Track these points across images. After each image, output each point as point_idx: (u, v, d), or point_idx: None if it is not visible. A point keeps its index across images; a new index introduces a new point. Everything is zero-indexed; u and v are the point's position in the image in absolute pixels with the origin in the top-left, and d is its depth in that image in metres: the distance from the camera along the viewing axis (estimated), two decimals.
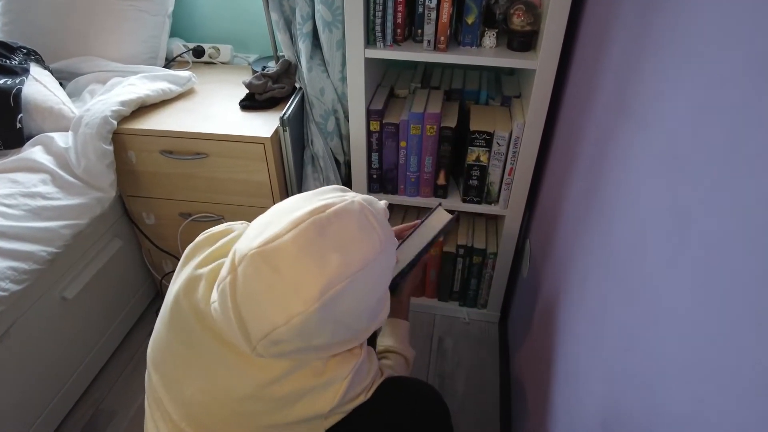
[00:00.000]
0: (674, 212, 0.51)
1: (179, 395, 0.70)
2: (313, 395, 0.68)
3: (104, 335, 1.37)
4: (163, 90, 1.31)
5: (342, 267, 0.58)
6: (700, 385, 0.43)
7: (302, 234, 0.58)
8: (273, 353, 0.62)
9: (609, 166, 0.74)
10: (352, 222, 0.61)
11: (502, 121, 1.20)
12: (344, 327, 0.64)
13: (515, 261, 1.40)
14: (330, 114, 1.31)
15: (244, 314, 0.60)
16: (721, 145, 0.44)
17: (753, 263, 0.37)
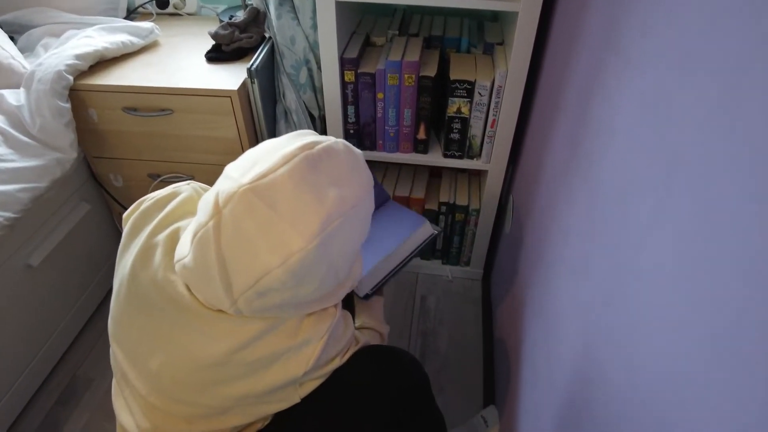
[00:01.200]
0: (660, 161, 0.47)
1: (145, 369, 0.65)
2: (287, 357, 0.64)
3: (78, 301, 1.33)
4: (123, 43, 1.23)
5: (339, 201, 0.56)
6: (677, 341, 0.40)
7: (296, 168, 0.55)
8: (255, 308, 0.58)
9: (593, 111, 0.69)
10: (341, 159, 0.59)
11: (483, 70, 1.14)
12: (333, 272, 0.61)
13: (498, 217, 1.37)
14: (302, 64, 1.23)
15: (230, 261, 0.55)
16: (712, 88, 0.39)
17: (739, 216, 0.33)
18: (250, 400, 0.66)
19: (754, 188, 0.32)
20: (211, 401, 0.65)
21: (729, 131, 0.36)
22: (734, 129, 0.35)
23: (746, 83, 0.34)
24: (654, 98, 0.49)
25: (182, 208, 0.67)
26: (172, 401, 0.65)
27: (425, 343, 1.35)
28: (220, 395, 0.64)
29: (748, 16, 0.35)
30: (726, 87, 0.37)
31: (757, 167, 0.32)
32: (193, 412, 0.66)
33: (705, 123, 0.39)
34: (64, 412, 1.20)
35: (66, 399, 1.23)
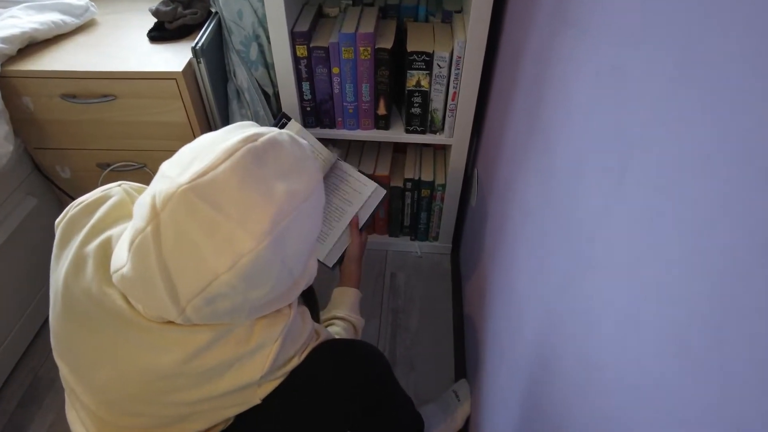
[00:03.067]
0: (615, 138, 0.45)
1: (91, 384, 0.62)
2: (241, 364, 0.61)
3: (34, 299, 1.28)
4: (55, 23, 1.14)
5: (289, 196, 0.53)
6: (627, 325, 0.39)
7: (240, 163, 0.51)
8: (204, 315, 0.55)
9: (549, 84, 0.66)
10: (287, 150, 0.56)
11: (442, 40, 1.10)
12: (287, 271, 0.57)
13: (464, 191, 1.35)
14: (251, 40, 1.16)
15: (174, 268, 0.51)
16: (667, 63, 0.36)
17: (694, 196, 0.31)
18: (206, 406, 0.63)
19: (710, 167, 0.30)
20: (163, 411, 0.62)
21: (685, 107, 0.33)
22: (691, 105, 0.33)
23: (703, 56, 0.32)
24: (609, 72, 0.47)
25: (113, 213, 0.62)
26: (122, 414, 0.62)
27: (396, 320, 1.35)
28: (173, 404, 0.61)
29: None
30: (682, 61, 0.34)
31: (714, 144, 0.30)
32: (146, 422, 0.63)
33: (661, 99, 0.37)
34: (28, 414, 1.16)
35: (29, 401, 1.19)
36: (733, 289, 0.27)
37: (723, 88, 0.29)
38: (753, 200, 0.26)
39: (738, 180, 0.27)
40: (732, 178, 0.27)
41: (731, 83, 0.28)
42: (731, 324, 0.27)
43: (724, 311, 0.27)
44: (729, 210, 0.27)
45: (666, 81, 0.35)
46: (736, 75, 0.28)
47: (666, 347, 0.33)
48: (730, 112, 0.28)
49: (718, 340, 0.28)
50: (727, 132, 0.28)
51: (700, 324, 0.30)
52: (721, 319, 0.28)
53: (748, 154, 0.26)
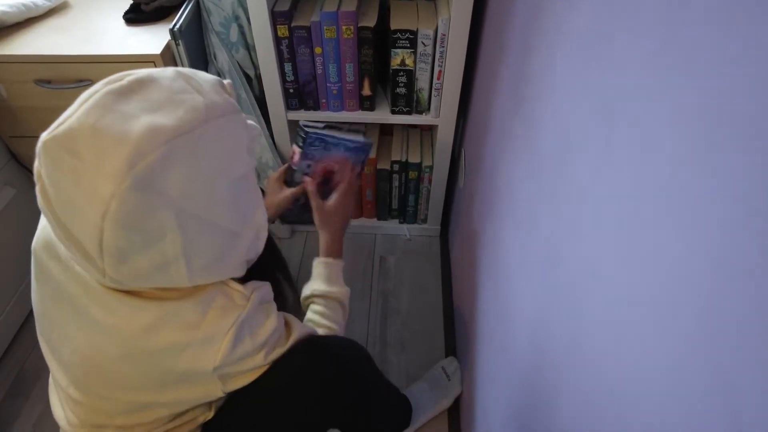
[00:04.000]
0: (600, 110, 0.44)
1: (61, 359, 0.61)
2: (193, 351, 0.58)
3: (17, 290, 1.25)
4: (25, 5, 1.10)
5: (151, 131, 0.46)
6: (617, 299, 0.38)
7: (96, 105, 0.47)
8: (128, 274, 0.51)
9: (534, 56, 0.65)
10: (162, 84, 0.50)
11: (426, 17, 1.08)
12: (198, 222, 0.51)
13: (452, 172, 1.34)
14: (231, 21, 1.13)
15: (67, 223, 0.49)
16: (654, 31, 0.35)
17: (682, 164, 0.31)
18: (168, 394, 0.61)
19: (695, 135, 0.29)
20: (124, 396, 0.61)
21: (670, 76, 0.33)
22: (676, 73, 0.32)
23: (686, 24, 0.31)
24: (594, 43, 0.46)
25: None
26: (90, 395, 0.61)
27: (386, 302, 1.35)
28: (132, 387, 0.60)
29: None
30: (666, 28, 0.33)
31: (698, 110, 0.29)
32: (112, 408, 0.62)
33: (645, 68, 0.36)
34: (15, 407, 1.15)
35: (15, 393, 1.17)
36: (722, 256, 0.26)
37: (707, 55, 0.28)
38: (737, 164, 0.25)
39: (722, 144, 0.26)
40: (716, 143, 0.27)
41: (715, 49, 0.27)
42: (721, 289, 0.26)
43: (714, 277, 0.27)
44: (715, 175, 0.27)
45: (650, 49, 0.35)
46: (720, 40, 0.27)
47: (653, 316, 0.33)
48: (715, 77, 0.27)
49: (707, 306, 0.27)
50: (712, 98, 0.27)
51: (689, 293, 0.29)
52: (711, 286, 0.27)
53: (731, 118, 0.25)
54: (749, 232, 0.24)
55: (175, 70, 0.53)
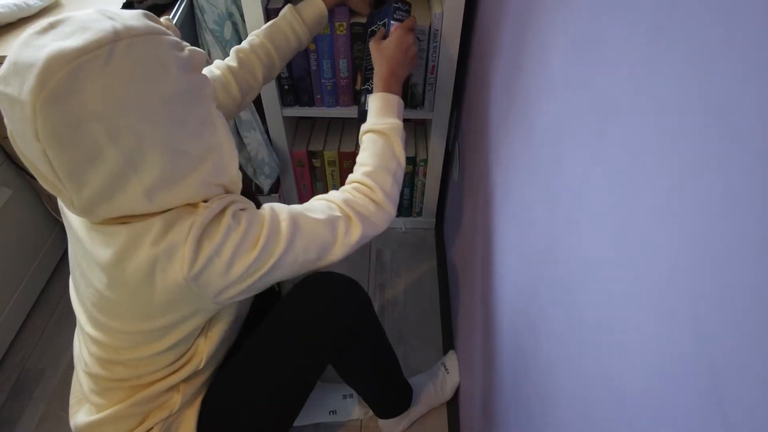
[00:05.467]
0: (593, 109, 0.45)
1: (80, 296, 0.72)
2: (160, 265, 0.60)
3: (16, 291, 1.26)
4: (17, 5, 1.09)
5: (57, 53, 0.50)
6: (614, 286, 0.40)
7: (20, 43, 0.53)
8: (89, 199, 0.56)
9: (528, 53, 0.67)
10: (74, 21, 0.54)
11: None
12: (134, 134, 0.54)
13: (446, 165, 1.35)
14: (225, 18, 1.14)
15: (27, 155, 0.56)
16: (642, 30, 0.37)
17: (670, 164, 0.33)
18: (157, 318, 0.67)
19: (684, 128, 0.31)
20: (123, 326, 0.68)
21: (659, 72, 0.34)
22: (666, 74, 0.34)
23: (676, 23, 0.32)
24: (586, 40, 0.47)
25: None
26: (100, 329, 0.69)
27: (383, 295, 1.37)
28: (126, 316, 0.67)
29: None
30: (656, 27, 0.35)
31: (687, 105, 0.31)
32: (117, 341, 0.70)
33: (636, 64, 0.37)
34: (17, 407, 1.16)
35: (17, 393, 1.18)
36: (711, 243, 0.28)
37: (695, 52, 0.29)
38: (726, 156, 0.27)
39: (711, 139, 0.28)
40: (706, 137, 0.28)
41: (703, 47, 0.29)
42: (710, 275, 0.28)
43: (702, 263, 0.29)
44: (703, 167, 0.29)
45: (641, 47, 0.36)
46: (707, 39, 0.28)
47: (646, 302, 0.35)
48: (703, 74, 0.29)
49: (698, 293, 0.29)
50: (700, 93, 0.29)
51: (680, 277, 0.31)
52: (701, 272, 0.29)
53: (720, 113, 0.27)
54: (738, 228, 0.26)
55: (97, 8, 0.57)
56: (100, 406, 0.76)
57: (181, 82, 0.57)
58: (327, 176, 1.40)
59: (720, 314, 0.27)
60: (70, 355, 1.24)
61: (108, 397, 0.75)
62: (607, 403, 0.41)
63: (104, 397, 0.75)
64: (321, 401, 1.13)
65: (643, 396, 0.35)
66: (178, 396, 0.78)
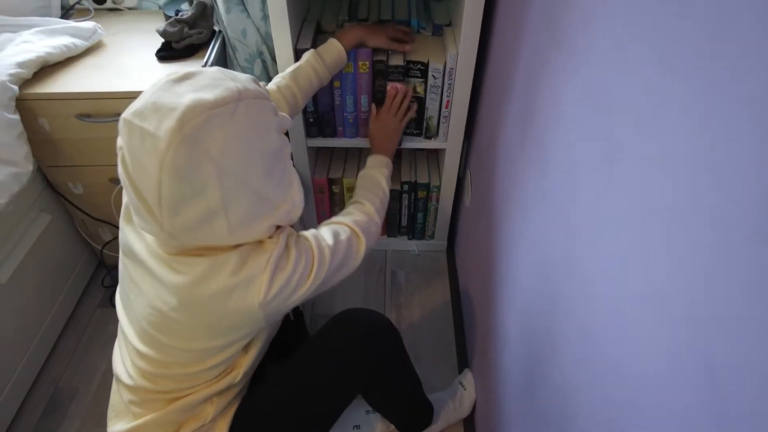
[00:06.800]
0: (603, 149, 0.54)
1: (133, 315, 0.77)
2: (239, 291, 0.70)
3: (49, 313, 1.32)
4: (66, 46, 1.19)
5: (196, 102, 0.61)
6: (627, 303, 0.48)
7: (159, 87, 0.63)
8: (180, 226, 0.64)
9: (541, 97, 0.75)
10: (206, 74, 0.66)
11: (435, 53, 1.18)
12: (235, 180, 0.64)
13: (457, 191, 1.44)
14: (255, 57, 1.23)
15: (137, 180, 0.63)
16: (646, 77, 0.46)
17: (672, 188, 0.40)
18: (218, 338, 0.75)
19: (684, 164, 0.39)
20: (181, 344, 0.74)
21: (662, 116, 0.42)
22: (667, 113, 0.42)
23: (676, 71, 0.41)
24: (596, 86, 0.55)
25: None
26: (152, 345, 0.76)
27: (399, 315, 1.43)
28: (188, 336, 0.74)
29: (677, 13, 0.41)
30: (659, 74, 0.43)
31: (686, 144, 0.39)
32: (169, 357, 0.76)
33: (642, 108, 0.45)
34: (53, 424, 1.21)
35: (52, 410, 1.23)
36: (712, 263, 0.36)
37: (694, 99, 0.38)
38: (718, 192, 0.35)
39: (706, 176, 0.36)
40: (698, 174, 0.36)
41: (701, 94, 0.37)
42: (710, 294, 0.36)
43: (702, 282, 0.36)
44: (696, 196, 0.36)
45: (645, 94, 0.44)
46: (704, 88, 0.37)
47: (654, 317, 0.42)
48: (699, 117, 0.37)
49: (694, 300, 0.37)
50: (698, 134, 0.37)
51: (683, 298, 0.39)
52: (700, 289, 0.37)
53: (714, 154, 0.35)
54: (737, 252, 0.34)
55: (218, 67, 0.69)
56: (138, 415, 0.82)
57: (275, 141, 0.69)
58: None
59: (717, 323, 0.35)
60: (103, 373, 1.30)
61: (147, 407, 0.81)
62: (625, 419, 0.48)
63: (143, 407, 0.81)
64: (344, 416, 1.19)
65: (661, 412, 0.42)
66: (211, 407, 0.84)
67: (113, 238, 1.41)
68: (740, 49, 0.33)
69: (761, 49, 0.31)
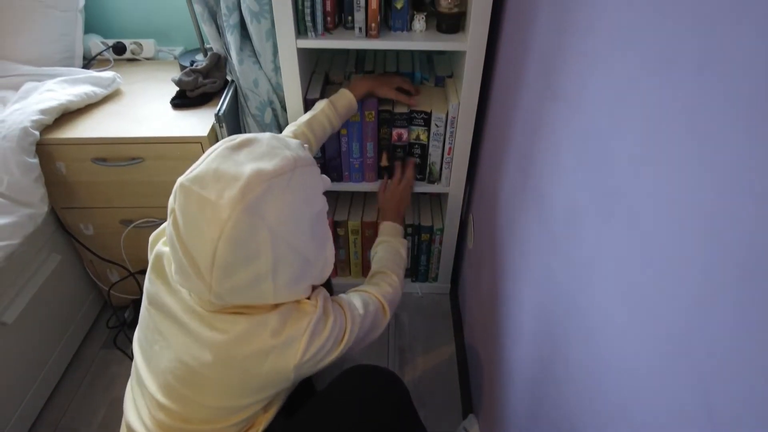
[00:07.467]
0: (600, 194, 0.57)
1: (156, 367, 0.76)
2: (276, 353, 0.71)
3: (53, 353, 1.32)
4: (87, 94, 1.25)
5: (257, 172, 0.63)
6: (630, 346, 0.49)
7: (219, 154, 0.66)
8: (229, 290, 0.65)
9: (540, 146, 0.79)
10: (263, 143, 0.69)
11: (438, 102, 1.24)
12: (286, 245, 0.66)
13: (460, 234, 1.47)
14: (266, 105, 1.29)
15: (189, 244, 0.64)
16: (639, 128, 0.49)
17: (666, 232, 0.43)
18: (247, 396, 0.74)
19: (675, 209, 0.42)
20: (209, 400, 0.73)
21: (656, 164, 0.46)
22: (660, 163, 0.45)
23: (670, 131, 0.44)
24: (592, 137, 0.59)
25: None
26: (176, 400, 0.75)
27: (403, 358, 1.43)
28: (218, 392, 0.73)
29: (664, 69, 0.45)
30: (652, 131, 0.47)
31: (676, 191, 0.42)
32: (193, 412, 0.75)
33: (635, 158, 0.49)
34: None
35: None
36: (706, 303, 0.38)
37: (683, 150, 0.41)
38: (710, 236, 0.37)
39: (698, 222, 0.39)
40: (691, 221, 0.39)
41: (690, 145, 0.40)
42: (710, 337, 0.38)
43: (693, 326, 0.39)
44: (688, 239, 0.39)
45: (636, 146, 0.48)
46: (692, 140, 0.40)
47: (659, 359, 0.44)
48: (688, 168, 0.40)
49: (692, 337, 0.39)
50: (684, 183, 0.40)
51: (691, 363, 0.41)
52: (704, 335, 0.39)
53: (705, 199, 0.38)
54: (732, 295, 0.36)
55: (271, 134, 0.73)
56: None
57: (321, 203, 0.73)
58: (350, 244, 1.51)
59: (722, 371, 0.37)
60: (103, 415, 1.29)
61: None
62: None
63: None
64: None
65: None
66: None
67: (120, 278, 1.43)
68: (727, 108, 0.36)
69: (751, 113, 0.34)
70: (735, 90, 0.34)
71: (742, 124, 0.34)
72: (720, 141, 0.36)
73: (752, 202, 0.32)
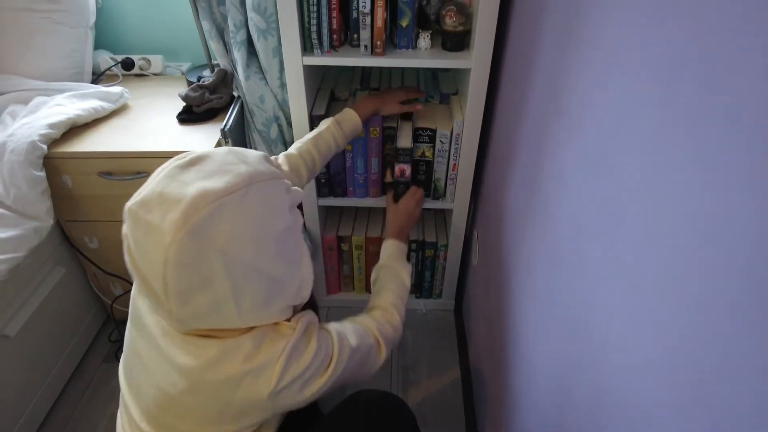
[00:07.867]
0: (605, 212, 0.56)
1: (139, 393, 0.73)
2: (249, 379, 0.67)
3: (54, 367, 1.32)
4: (95, 108, 1.26)
5: (202, 192, 0.58)
6: (637, 360, 0.49)
7: (165, 175, 0.61)
8: (190, 314, 0.62)
9: (545, 163, 0.79)
10: (213, 161, 0.63)
11: (442, 120, 1.24)
12: (244, 268, 0.61)
13: (465, 250, 1.46)
14: (272, 121, 1.30)
15: (143, 271, 0.60)
16: (643, 145, 0.49)
17: (670, 249, 0.43)
18: (226, 424, 0.70)
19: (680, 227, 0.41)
20: (188, 427, 0.70)
21: (659, 183, 0.45)
22: (664, 181, 0.45)
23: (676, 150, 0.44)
24: (596, 153, 0.59)
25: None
26: (159, 427, 0.71)
27: (406, 376, 1.41)
28: (196, 419, 0.69)
29: (670, 86, 0.45)
30: (658, 149, 0.46)
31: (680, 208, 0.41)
32: None
33: (640, 181, 0.48)
34: None
35: None
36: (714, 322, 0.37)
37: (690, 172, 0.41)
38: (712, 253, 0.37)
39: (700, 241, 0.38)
40: (698, 243, 0.39)
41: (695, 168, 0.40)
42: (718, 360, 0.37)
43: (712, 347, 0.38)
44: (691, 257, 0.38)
45: (642, 164, 0.48)
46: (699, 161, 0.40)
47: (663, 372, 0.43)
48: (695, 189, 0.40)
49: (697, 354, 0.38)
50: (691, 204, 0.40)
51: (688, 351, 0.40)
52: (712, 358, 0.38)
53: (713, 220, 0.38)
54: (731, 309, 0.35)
55: (228, 148, 0.68)
56: None
57: (288, 220, 0.66)
58: (354, 259, 1.50)
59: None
60: (103, 429, 1.27)
61: None
62: None
63: None
64: None
65: None
66: None
67: (124, 292, 1.42)
68: (732, 128, 0.36)
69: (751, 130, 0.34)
70: (739, 109, 0.34)
71: (746, 141, 0.33)
72: (729, 162, 0.35)
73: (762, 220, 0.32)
